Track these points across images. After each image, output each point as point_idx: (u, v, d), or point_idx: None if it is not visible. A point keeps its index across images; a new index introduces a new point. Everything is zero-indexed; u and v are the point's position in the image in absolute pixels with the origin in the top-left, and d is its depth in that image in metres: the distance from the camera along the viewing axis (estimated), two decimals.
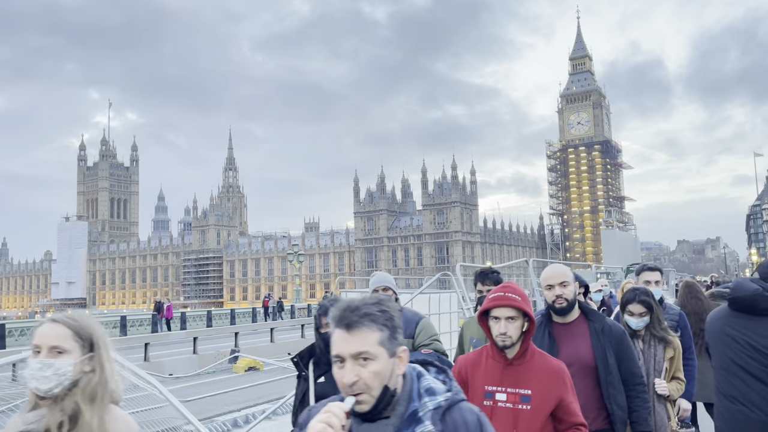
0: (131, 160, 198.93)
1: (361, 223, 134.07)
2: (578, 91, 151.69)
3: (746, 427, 3.03)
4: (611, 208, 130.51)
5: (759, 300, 3.06)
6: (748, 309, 3.12)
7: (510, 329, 2.67)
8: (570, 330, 3.39)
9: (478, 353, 2.90)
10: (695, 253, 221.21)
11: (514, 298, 2.69)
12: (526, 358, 2.74)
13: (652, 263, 5.30)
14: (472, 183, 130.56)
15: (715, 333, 3.31)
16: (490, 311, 2.74)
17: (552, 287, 3.38)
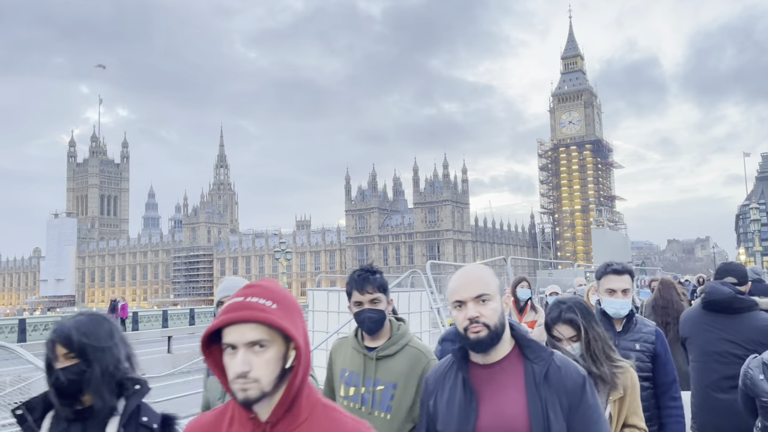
0: (122, 156, 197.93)
1: (352, 221, 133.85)
2: (570, 90, 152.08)
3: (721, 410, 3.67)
4: (602, 207, 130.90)
5: (734, 301, 3.79)
6: (724, 309, 3.80)
7: (257, 366, 1.41)
8: (494, 376, 2.03)
9: (220, 412, 1.59)
10: (685, 252, 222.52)
11: (260, 307, 1.44)
12: (293, 419, 1.49)
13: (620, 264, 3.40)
14: (463, 182, 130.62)
15: (693, 330, 3.94)
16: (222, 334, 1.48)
17: (462, 305, 2.01)
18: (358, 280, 2.82)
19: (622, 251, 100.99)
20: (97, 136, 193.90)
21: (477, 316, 1.94)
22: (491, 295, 1.98)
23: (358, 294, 2.82)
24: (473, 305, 1.97)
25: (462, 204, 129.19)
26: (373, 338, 2.88)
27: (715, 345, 3.78)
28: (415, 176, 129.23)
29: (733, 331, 3.74)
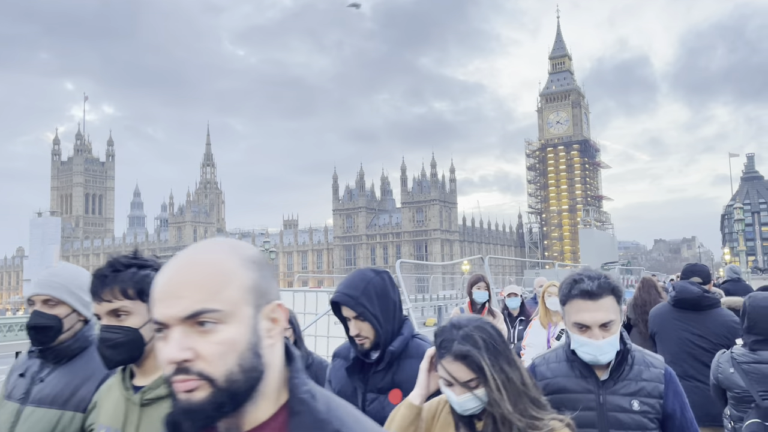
0: (107, 155, 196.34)
1: (339, 221, 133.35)
2: (558, 90, 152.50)
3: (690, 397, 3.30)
4: (589, 207, 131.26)
5: (702, 299, 4.29)
6: (693, 306, 4.30)
7: None
8: None
9: None
10: (671, 252, 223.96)
11: None
12: None
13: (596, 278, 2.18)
14: (451, 181, 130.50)
15: (663, 326, 4.42)
16: None
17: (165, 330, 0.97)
18: (94, 282, 1.80)
19: (609, 251, 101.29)
20: (82, 134, 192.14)
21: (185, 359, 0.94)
22: (226, 313, 0.95)
23: (95, 304, 1.79)
24: (181, 336, 0.95)
25: (450, 203, 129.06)
26: (141, 372, 1.79)
27: (684, 339, 4.25)
28: (403, 176, 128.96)
29: (701, 326, 4.24)
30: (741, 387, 3.22)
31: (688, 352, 4.18)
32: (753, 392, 3.16)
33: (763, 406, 3.11)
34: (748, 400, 3.19)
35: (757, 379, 3.18)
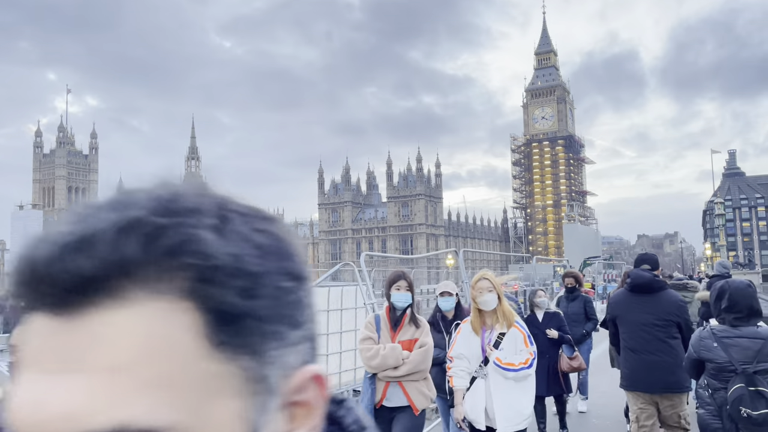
0: (90, 147, 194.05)
1: (325, 215, 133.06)
2: (543, 86, 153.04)
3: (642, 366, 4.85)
4: (573, 202, 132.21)
5: (653, 283, 5.01)
6: (646, 290, 4.97)
7: None
8: None
9: None
10: (654, 247, 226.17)
11: None
12: None
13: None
14: (437, 176, 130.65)
15: (622, 309, 5.11)
16: None
17: None
18: None
19: (592, 246, 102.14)
20: (64, 126, 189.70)
21: None
22: None
23: None
24: None
25: (435, 198, 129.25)
26: None
27: (640, 318, 4.92)
28: (389, 170, 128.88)
29: (653, 306, 4.92)
30: (723, 358, 3.65)
31: (644, 329, 4.88)
32: (735, 363, 3.62)
33: (745, 374, 3.55)
34: (728, 370, 3.62)
35: (738, 351, 3.62)
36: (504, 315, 4.28)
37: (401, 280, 4.48)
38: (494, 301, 4.26)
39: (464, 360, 4.22)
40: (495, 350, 4.22)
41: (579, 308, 8.04)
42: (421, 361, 4.13)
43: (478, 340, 4.26)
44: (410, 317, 4.32)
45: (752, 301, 3.83)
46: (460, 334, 4.40)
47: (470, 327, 4.29)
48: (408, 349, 4.17)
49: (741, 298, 3.77)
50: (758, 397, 3.50)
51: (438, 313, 5.42)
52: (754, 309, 3.79)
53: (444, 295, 5.37)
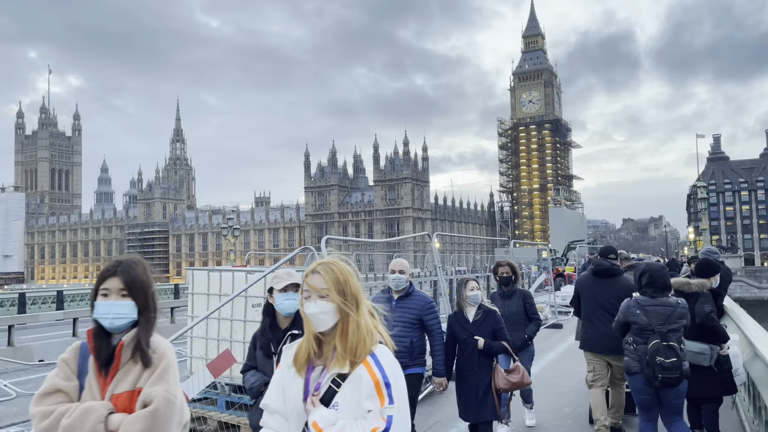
0: (73, 129, 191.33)
1: (311, 199, 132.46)
2: (530, 69, 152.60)
3: (596, 334, 6.14)
4: (559, 186, 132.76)
5: (611, 270, 6.30)
6: (605, 275, 6.25)
7: None
8: None
9: None
10: (639, 231, 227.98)
11: None
12: None
13: None
14: (423, 159, 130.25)
15: (585, 289, 6.41)
16: None
17: None
18: None
19: (578, 230, 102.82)
20: (46, 107, 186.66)
21: None
22: None
23: None
24: None
25: (422, 182, 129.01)
26: None
27: (599, 297, 6.17)
28: (375, 153, 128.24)
29: (609, 288, 6.16)
30: (644, 321, 4.85)
31: (600, 307, 6.11)
32: (653, 324, 4.82)
33: (660, 333, 4.77)
34: (648, 330, 4.83)
35: (655, 315, 4.84)
36: (345, 342, 2.12)
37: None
38: (332, 316, 2.12)
39: (276, 418, 2.22)
40: (319, 407, 2.11)
41: (518, 306, 6.36)
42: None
43: (301, 385, 2.18)
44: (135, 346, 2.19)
45: (665, 279, 5.03)
46: (278, 371, 2.32)
47: (292, 360, 2.23)
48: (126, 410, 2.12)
49: (658, 277, 5.00)
50: (669, 350, 4.71)
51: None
52: (666, 285, 5.01)
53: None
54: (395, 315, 4.78)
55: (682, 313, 4.82)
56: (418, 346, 4.91)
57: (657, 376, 4.70)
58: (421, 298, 4.98)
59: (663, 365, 4.67)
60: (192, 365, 6.18)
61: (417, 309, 4.89)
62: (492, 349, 4.95)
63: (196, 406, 5.94)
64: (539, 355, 10.92)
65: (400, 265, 4.95)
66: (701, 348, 5.19)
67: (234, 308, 5.56)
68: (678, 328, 4.79)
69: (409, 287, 4.98)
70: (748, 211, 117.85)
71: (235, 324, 5.81)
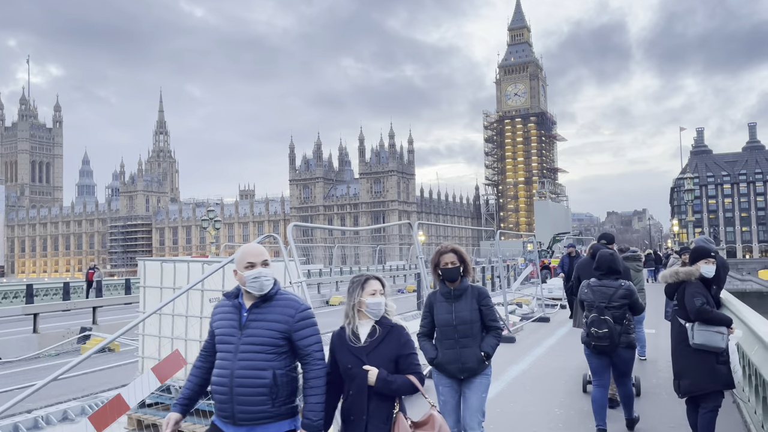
0: (54, 120, 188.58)
1: (296, 191, 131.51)
2: (516, 62, 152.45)
3: None
4: (545, 179, 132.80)
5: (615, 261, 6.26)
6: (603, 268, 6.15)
7: None
8: None
9: None
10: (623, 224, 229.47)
11: None
12: None
13: None
14: (409, 152, 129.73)
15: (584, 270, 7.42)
16: None
17: None
18: None
19: (563, 222, 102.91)
20: (26, 98, 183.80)
21: None
22: None
23: None
24: None
25: (408, 175, 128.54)
26: None
27: None
28: (361, 146, 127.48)
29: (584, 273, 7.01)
30: (590, 299, 5.65)
31: None
32: (596, 301, 5.60)
33: (598, 308, 5.55)
34: (591, 305, 5.63)
35: (599, 294, 5.61)
36: None
37: None
38: None
39: None
40: None
41: (470, 312, 4.25)
42: None
43: None
44: None
45: (611, 264, 5.73)
46: None
47: None
48: None
49: (604, 261, 5.75)
50: (602, 322, 5.47)
51: None
52: (612, 268, 5.72)
53: None
54: (245, 333, 2.96)
55: (624, 294, 5.52)
56: (284, 383, 2.97)
57: (591, 343, 5.53)
58: (290, 304, 3.02)
59: (596, 335, 5.46)
60: (144, 366, 5.60)
61: (283, 322, 2.96)
62: (390, 386, 3.14)
63: (147, 411, 5.38)
64: (526, 351, 10.46)
65: (255, 254, 3.04)
66: (718, 327, 4.76)
67: (190, 303, 4.99)
68: (619, 306, 5.49)
69: (273, 287, 3.05)
70: (731, 204, 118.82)
71: (192, 320, 5.23)
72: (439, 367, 4.30)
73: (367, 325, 3.25)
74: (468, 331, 4.22)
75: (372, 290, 3.26)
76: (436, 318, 4.31)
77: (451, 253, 4.29)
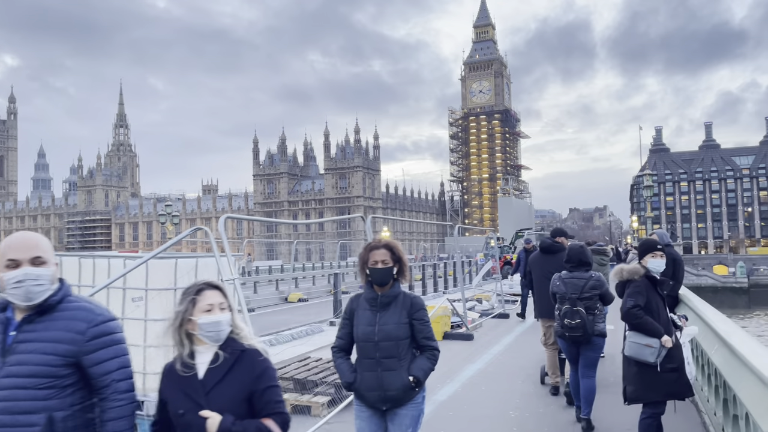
0: (8, 112, 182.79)
1: (260, 187, 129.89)
2: (481, 59, 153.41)
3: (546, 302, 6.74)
4: (508, 176, 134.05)
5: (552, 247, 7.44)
6: (549, 251, 7.44)
7: None
8: None
9: None
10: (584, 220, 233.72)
11: None
12: None
13: None
14: (375, 148, 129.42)
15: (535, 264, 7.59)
16: None
17: None
18: None
19: (526, 219, 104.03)
20: None
21: None
22: None
23: None
24: None
25: (373, 170, 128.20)
26: None
27: (545, 270, 7.09)
28: (326, 141, 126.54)
29: (553, 262, 6.96)
30: (562, 290, 5.79)
31: (546, 277, 6.61)
32: (567, 292, 5.74)
33: (571, 299, 5.68)
34: (564, 297, 5.75)
35: (571, 285, 5.76)
36: None
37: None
38: None
39: None
40: None
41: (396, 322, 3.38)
42: None
43: None
44: None
45: (581, 256, 5.89)
46: None
47: None
48: None
49: (574, 254, 5.92)
50: (575, 313, 5.61)
51: None
52: (582, 261, 5.86)
53: None
54: (9, 361, 2.08)
55: (594, 284, 5.70)
56: (70, 429, 2.10)
57: (565, 334, 5.67)
58: (80, 315, 2.16)
59: (569, 326, 5.60)
60: None
61: (67, 341, 2.11)
62: None
63: None
64: (484, 349, 10.20)
65: (19, 248, 2.12)
66: (648, 340, 4.42)
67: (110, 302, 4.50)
68: (590, 297, 5.66)
69: (56, 294, 2.17)
70: (687, 202, 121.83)
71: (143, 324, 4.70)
72: (357, 394, 3.44)
73: (207, 352, 2.34)
74: (393, 350, 3.33)
75: (207, 305, 2.32)
76: (356, 330, 3.43)
77: (383, 250, 3.39)
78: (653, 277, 4.66)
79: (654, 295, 4.58)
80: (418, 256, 65.70)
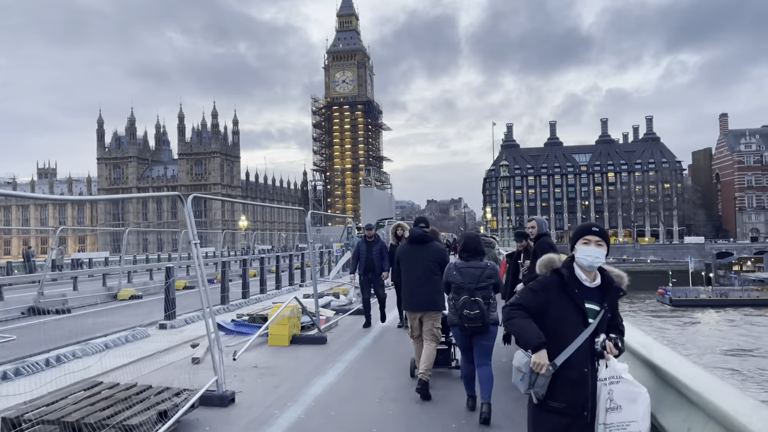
0: None
1: (105, 171, 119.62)
2: (344, 49, 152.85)
3: (412, 294, 6.81)
4: (371, 167, 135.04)
5: (423, 237, 6.99)
6: (419, 241, 6.97)
7: None
8: None
9: None
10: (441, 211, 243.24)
11: None
12: None
13: None
14: (234, 134, 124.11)
15: (403, 254, 7.05)
16: None
17: None
18: None
19: (386, 209, 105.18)
20: None
21: None
22: None
23: None
24: None
25: (232, 157, 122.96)
26: None
27: (414, 261, 6.83)
28: (181, 124, 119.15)
29: (424, 252, 6.85)
30: (459, 280, 5.67)
31: (417, 268, 6.71)
32: (465, 282, 5.64)
33: (469, 290, 5.59)
34: (461, 287, 5.65)
35: (467, 275, 5.66)
36: None
37: None
38: None
39: None
40: None
41: None
42: None
43: None
44: None
45: (476, 244, 5.88)
46: None
47: None
48: None
49: (469, 243, 5.88)
50: (474, 303, 5.54)
51: None
52: (477, 250, 5.84)
53: None
54: None
55: (490, 273, 5.70)
56: None
57: (464, 325, 5.57)
58: None
59: (468, 316, 5.51)
60: None
61: None
62: None
63: None
64: (337, 355, 8.77)
65: None
66: (519, 359, 3.11)
67: None
68: (486, 286, 5.64)
69: None
70: (534, 195, 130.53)
71: None
72: None
73: None
74: None
75: None
76: None
77: None
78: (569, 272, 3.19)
79: (567, 300, 3.13)
80: (279, 246, 63.52)
